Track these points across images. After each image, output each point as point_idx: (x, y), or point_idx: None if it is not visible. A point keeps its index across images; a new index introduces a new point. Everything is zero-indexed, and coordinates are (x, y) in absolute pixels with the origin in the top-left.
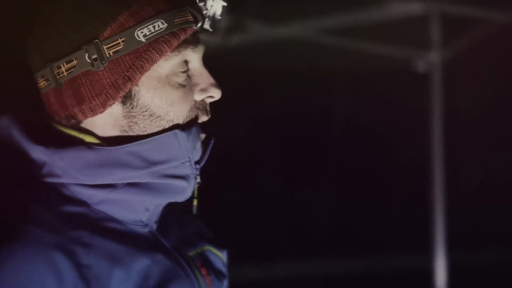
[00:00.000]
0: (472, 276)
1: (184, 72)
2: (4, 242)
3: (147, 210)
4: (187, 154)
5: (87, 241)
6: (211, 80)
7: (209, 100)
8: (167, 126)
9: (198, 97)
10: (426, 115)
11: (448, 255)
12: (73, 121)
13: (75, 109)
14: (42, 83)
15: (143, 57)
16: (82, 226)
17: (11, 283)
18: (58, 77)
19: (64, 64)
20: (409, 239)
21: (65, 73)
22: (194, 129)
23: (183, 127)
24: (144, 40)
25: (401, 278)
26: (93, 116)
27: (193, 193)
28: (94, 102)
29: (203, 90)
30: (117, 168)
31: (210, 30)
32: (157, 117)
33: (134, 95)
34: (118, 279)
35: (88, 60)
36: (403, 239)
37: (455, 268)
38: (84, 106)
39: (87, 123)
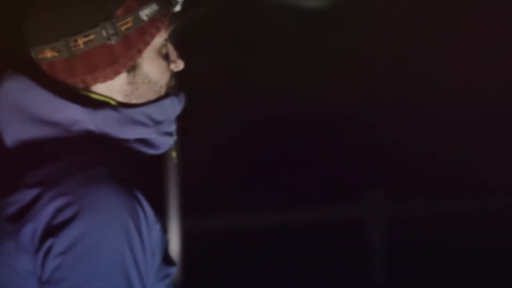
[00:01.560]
0: (203, 241)
1: (166, 45)
2: (108, 183)
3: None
4: (176, 114)
5: (141, 186)
6: (177, 53)
7: (175, 70)
8: (158, 91)
9: (171, 66)
10: None
11: (182, 223)
12: (81, 85)
13: (87, 77)
14: (49, 54)
15: (147, 33)
16: (135, 175)
17: (122, 214)
18: (73, 49)
19: (82, 38)
20: None
21: (81, 46)
22: (182, 95)
23: (175, 93)
24: (146, 19)
25: None
26: (104, 82)
27: (171, 147)
28: (108, 70)
29: (173, 61)
30: (135, 125)
31: (178, 11)
32: (154, 83)
33: (138, 64)
34: (157, 219)
35: (105, 35)
36: None
37: (187, 234)
38: (97, 74)
39: (95, 88)
